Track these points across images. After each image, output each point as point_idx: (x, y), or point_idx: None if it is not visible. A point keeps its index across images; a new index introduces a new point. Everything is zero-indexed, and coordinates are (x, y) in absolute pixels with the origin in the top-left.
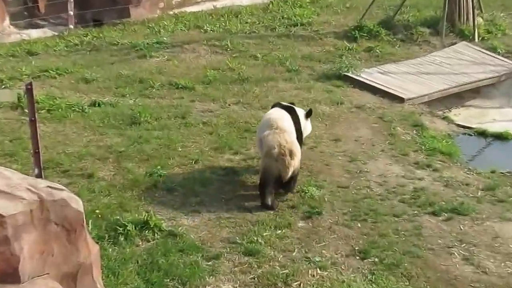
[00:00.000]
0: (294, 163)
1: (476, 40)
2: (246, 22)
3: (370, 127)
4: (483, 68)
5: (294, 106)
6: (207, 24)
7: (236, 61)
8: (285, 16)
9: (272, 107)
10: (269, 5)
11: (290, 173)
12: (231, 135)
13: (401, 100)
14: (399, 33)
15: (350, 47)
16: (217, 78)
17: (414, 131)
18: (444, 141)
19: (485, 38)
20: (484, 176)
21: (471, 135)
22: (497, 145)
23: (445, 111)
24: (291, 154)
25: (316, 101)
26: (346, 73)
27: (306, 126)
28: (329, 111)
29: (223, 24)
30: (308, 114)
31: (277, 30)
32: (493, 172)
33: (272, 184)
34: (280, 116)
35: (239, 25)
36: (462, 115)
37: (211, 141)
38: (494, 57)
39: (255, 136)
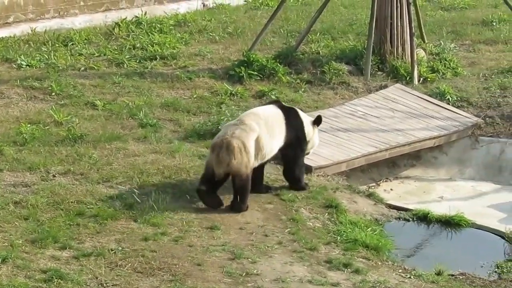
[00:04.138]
0: (232, 163)
1: (416, 82)
2: (80, 54)
3: (261, 208)
4: (426, 123)
5: (296, 108)
6: (22, 56)
7: (64, 111)
8: (138, 45)
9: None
10: (114, 28)
11: (222, 171)
12: (56, 221)
13: (307, 169)
14: (305, 71)
15: (233, 92)
16: (36, 137)
17: (326, 215)
18: (369, 229)
19: (429, 79)
20: (426, 279)
21: (408, 220)
22: (445, 235)
23: (371, 185)
24: (228, 148)
25: (183, 171)
26: None
27: (314, 137)
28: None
29: (46, 56)
30: (316, 122)
31: (125, 65)
32: (439, 274)
33: (207, 179)
34: (261, 113)
35: (69, 57)
36: (395, 191)
37: (27, 230)
38: (442, 107)
39: (92, 223)
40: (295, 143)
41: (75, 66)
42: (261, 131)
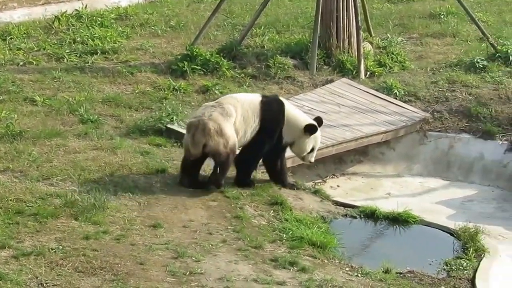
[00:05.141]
0: (210, 143)
1: (363, 76)
2: (19, 48)
3: (205, 206)
4: (373, 118)
5: (284, 101)
6: None
7: (3, 107)
8: (79, 39)
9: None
10: (53, 22)
11: (198, 152)
12: None
13: None
14: (249, 65)
15: (176, 87)
16: None
17: (271, 212)
18: (315, 226)
19: (376, 73)
20: (373, 278)
21: (355, 218)
22: (393, 232)
23: (317, 181)
24: (204, 130)
25: (125, 167)
26: (169, 125)
27: (302, 142)
28: (145, 183)
29: None
30: (308, 129)
31: (66, 60)
32: (386, 272)
33: (187, 162)
34: (239, 97)
35: (7, 52)
36: (342, 187)
37: None
38: (389, 101)
39: (32, 221)
40: (263, 134)
41: (14, 61)
42: (237, 115)
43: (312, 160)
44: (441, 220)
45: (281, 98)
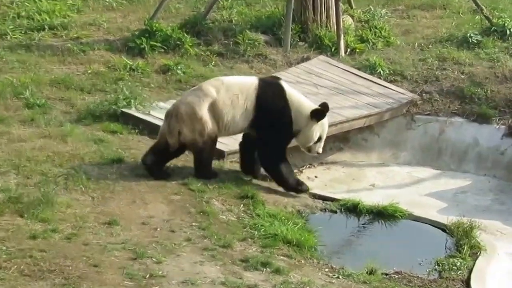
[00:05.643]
0: (184, 131)
1: (343, 53)
2: None
3: (167, 200)
4: (354, 100)
5: (284, 85)
6: None
7: None
8: (24, 13)
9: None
10: None
11: (175, 141)
12: None
13: (219, 154)
14: (215, 42)
15: (133, 66)
16: None
17: (241, 207)
18: (290, 222)
19: (357, 50)
20: (356, 279)
21: (335, 212)
22: (378, 228)
23: None
24: (177, 115)
25: (76, 157)
26: (125, 110)
27: (308, 130)
28: (99, 175)
29: None
30: (315, 115)
31: (9, 37)
32: (371, 273)
33: (157, 149)
34: (226, 79)
35: None
36: (320, 178)
37: None
38: (372, 81)
39: None
40: (267, 124)
41: None
42: (220, 97)
43: (320, 151)
44: (432, 214)
45: (281, 82)
